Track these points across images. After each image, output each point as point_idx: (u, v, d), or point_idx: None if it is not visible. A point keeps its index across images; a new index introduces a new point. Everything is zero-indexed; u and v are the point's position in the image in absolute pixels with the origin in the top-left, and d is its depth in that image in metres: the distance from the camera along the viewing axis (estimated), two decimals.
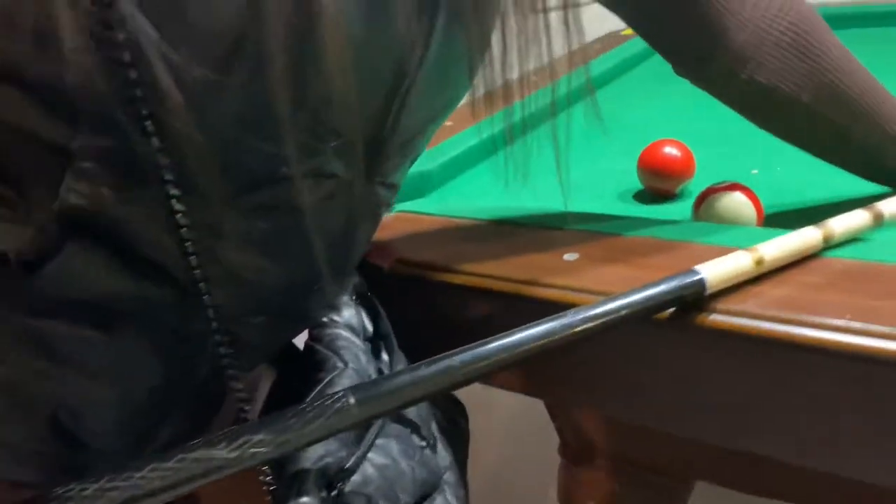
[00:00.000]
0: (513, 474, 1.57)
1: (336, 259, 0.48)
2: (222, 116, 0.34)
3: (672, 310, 0.51)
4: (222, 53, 0.32)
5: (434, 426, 0.60)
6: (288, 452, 0.41)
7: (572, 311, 0.48)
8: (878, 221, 0.56)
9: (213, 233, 0.40)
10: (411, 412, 0.58)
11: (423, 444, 0.57)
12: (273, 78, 0.33)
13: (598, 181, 0.84)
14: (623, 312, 0.48)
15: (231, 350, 0.46)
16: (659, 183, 0.77)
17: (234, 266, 0.42)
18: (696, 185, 0.75)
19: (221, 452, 0.39)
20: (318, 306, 0.55)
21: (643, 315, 0.49)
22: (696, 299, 0.50)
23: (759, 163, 0.81)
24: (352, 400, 0.41)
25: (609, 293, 0.49)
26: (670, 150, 0.76)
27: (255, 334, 0.49)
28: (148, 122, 0.33)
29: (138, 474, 0.37)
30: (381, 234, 0.71)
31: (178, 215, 0.37)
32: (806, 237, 0.53)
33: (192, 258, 0.40)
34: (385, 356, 0.60)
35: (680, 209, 0.75)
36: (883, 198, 0.58)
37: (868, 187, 0.69)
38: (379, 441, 0.52)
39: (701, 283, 0.49)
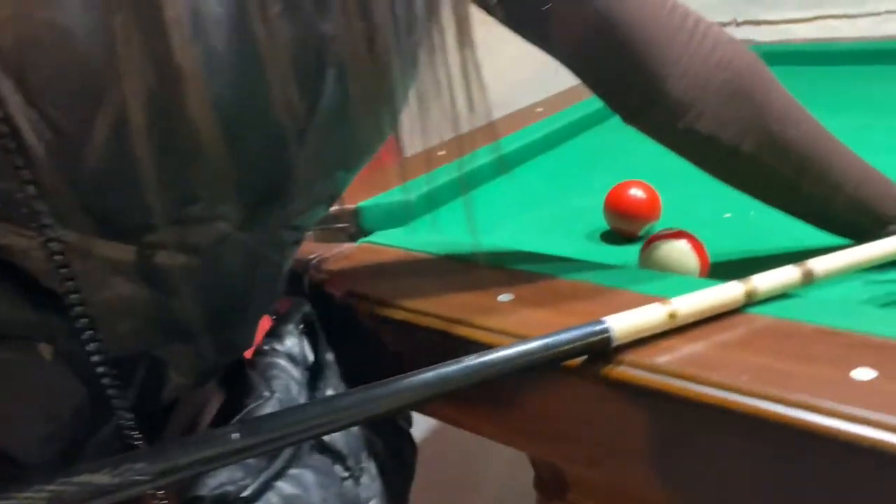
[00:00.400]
0: None
1: (236, 297, 0.50)
2: (86, 170, 0.36)
3: (583, 357, 0.51)
4: (83, 110, 0.35)
5: (365, 456, 0.61)
6: (170, 481, 0.43)
7: (476, 354, 0.49)
8: (808, 279, 0.55)
9: (102, 268, 0.42)
10: (339, 442, 0.59)
11: (346, 474, 0.58)
12: (134, 134, 0.35)
13: (570, 219, 0.85)
14: (528, 358, 0.49)
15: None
16: (623, 224, 0.77)
17: (125, 299, 0.44)
18: (661, 227, 0.75)
19: (104, 478, 0.41)
20: (229, 339, 0.56)
21: (550, 361, 0.50)
22: (603, 350, 0.50)
23: (732, 206, 0.80)
24: (235, 434, 0.43)
25: (526, 337, 0.50)
26: (635, 192, 0.76)
27: (172, 360, 0.51)
28: (24, 171, 0.36)
29: (21, 495, 0.40)
30: (342, 265, 0.73)
31: (58, 256, 0.39)
32: (726, 293, 0.53)
33: (76, 296, 0.42)
34: (323, 387, 0.62)
35: None
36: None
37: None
38: (293, 471, 0.54)
39: (607, 334, 0.50)
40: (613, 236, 0.79)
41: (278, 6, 0.39)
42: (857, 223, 0.65)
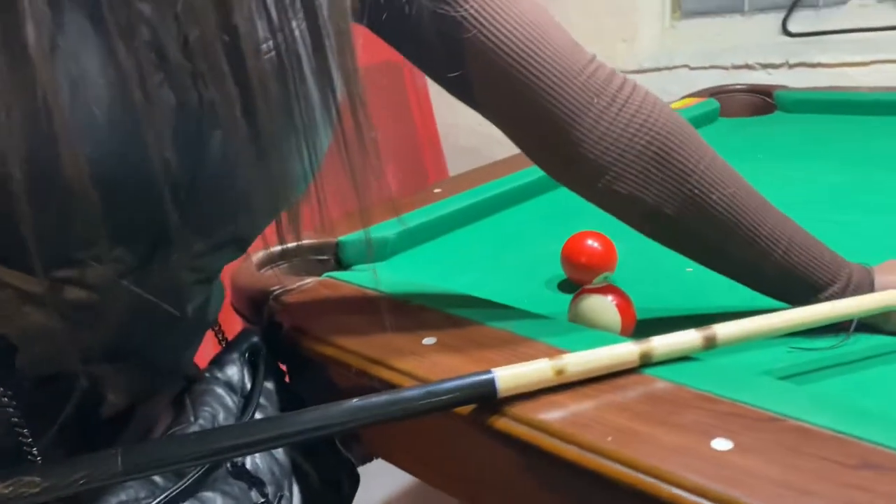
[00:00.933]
0: None
1: (141, 329, 0.54)
2: None
3: (473, 406, 0.53)
4: None
5: (288, 484, 0.64)
6: (58, 495, 0.47)
7: (375, 395, 0.51)
8: (710, 343, 0.56)
9: (15, 297, 0.47)
10: (261, 468, 0.62)
11: (262, 500, 0.61)
12: (15, 190, 0.40)
13: (536, 264, 0.86)
14: (408, 405, 0.51)
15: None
16: (576, 274, 0.78)
17: (39, 326, 0.49)
18: (615, 279, 0.76)
19: None
20: (154, 364, 0.60)
21: (440, 407, 0.52)
22: (489, 400, 0.52)
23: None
24: (119, 458, 0.47)
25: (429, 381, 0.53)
26: (590, 243, 0.77)
27: (106, 380, 0.55)
28: None
29: None
30: (298, 297, 0.77)
31: None
32: (619, 353, 0.54)
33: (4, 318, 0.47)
34: (255, 415, 0.66)
35: None
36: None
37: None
38: (203, 493, 0.57)
39: (492, 386, 0.52)
40: (569, 284, 0.80)
41: (159, 76, 0.43)
42: (788, 289, 0.65)
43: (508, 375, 0.52)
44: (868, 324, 0.64)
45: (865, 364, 0.61)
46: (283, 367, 0.75)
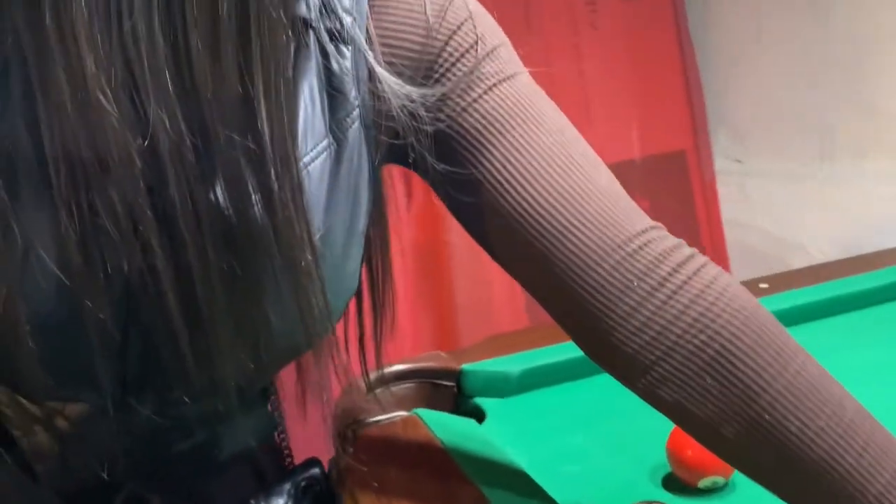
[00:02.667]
0: None
1: (146, 456, 0.57)
2: None
3: None
4: None
5: None
6: None
7: None
8: None
9: (26, 417, 0.52)
10: None
11: None
12: None
13: (645, 446, 0.73)
14: None
15: None
16: (679, 469, 0.65)
17: (48, 445, 0.54)
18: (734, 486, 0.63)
19: None
20: (189, 489, 0.61)
21: None
22: None
23: None
24: None
25: None
26: None
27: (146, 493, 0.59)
28: None
29: None
30: (373, 433, 0.75)
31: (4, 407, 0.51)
32: None
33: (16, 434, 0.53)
34: None
35: None
36: None
37: None
38: None
39: None
40: (672, 478, 0.67)
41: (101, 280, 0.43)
42: None
43: None
44: None
45: None
46: None
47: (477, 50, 0.53)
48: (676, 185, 2.08)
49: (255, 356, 0.51)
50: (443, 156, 0.53)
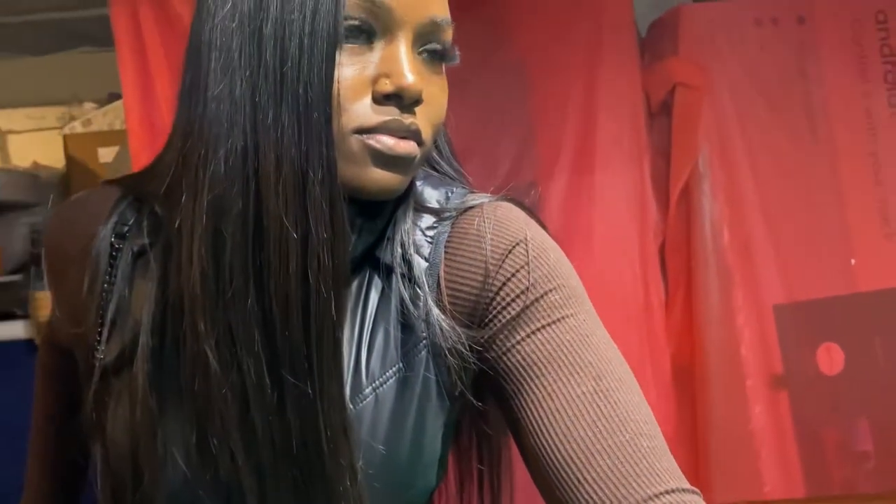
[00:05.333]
0: None
1: None
2: None
3: None
4: None
5: None
6: None
7: None
8: None
9: None
10: None
11: None
12: None
13: None
14: None
15: None
16: None
17: None
18: None
19: None
20: None
21: None
22: None
23: None
24: None
25: None
26: None
27: None
28: None
29: None
30: None
31: None
32: None
33: None
34: None
35: None
36: None
37: None
38: None
39: None
40: None
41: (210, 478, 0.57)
42: None
43: None
44: None
45: None
46: None
47: (527, 296, 0.57)
48: None
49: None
50: (490, 391, 0.60)
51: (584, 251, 1.70)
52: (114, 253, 0.62)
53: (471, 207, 0.62)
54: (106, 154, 2.48)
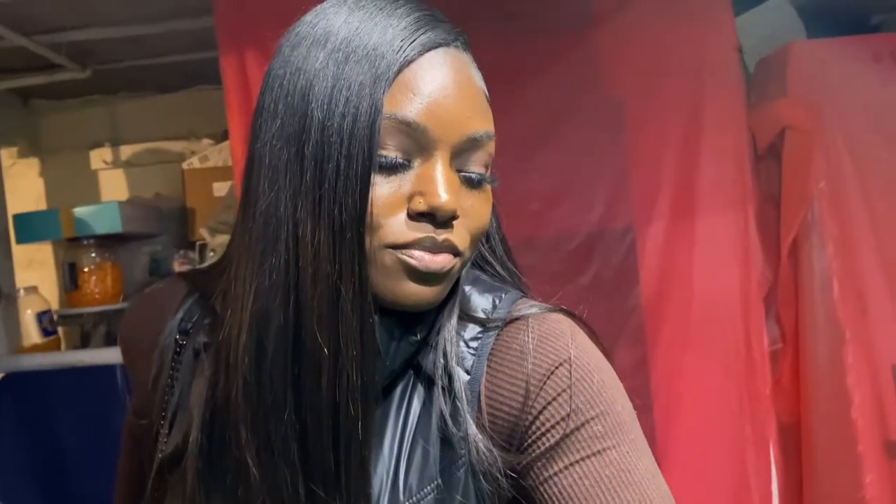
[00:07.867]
0: None
1: None
2: None
3: None
4: None
5: None
6: None
7: None
8: None
9: None
10: None
11: None
12: None
13: None
14: None
15: None
16: None
17: None
18: None
19: None
20: None
21: None
22: None
23: None
24: None
25: None
26: None
27: None
28: None
29: None
30: None
31: None
32: None
33: None
34: None
35: None
36: None
37: None
38: None
39: None
40: None
41: None
42: None
43: None
44: None
45: None
46: None
47: (567, 424, 0.55)
48: None
49: None
50: None
51: (682, 301, 1.63)
52: (178, 349, 0.64)
53: (517, 319, 0.60)
54: (220, 188, 2.59)
